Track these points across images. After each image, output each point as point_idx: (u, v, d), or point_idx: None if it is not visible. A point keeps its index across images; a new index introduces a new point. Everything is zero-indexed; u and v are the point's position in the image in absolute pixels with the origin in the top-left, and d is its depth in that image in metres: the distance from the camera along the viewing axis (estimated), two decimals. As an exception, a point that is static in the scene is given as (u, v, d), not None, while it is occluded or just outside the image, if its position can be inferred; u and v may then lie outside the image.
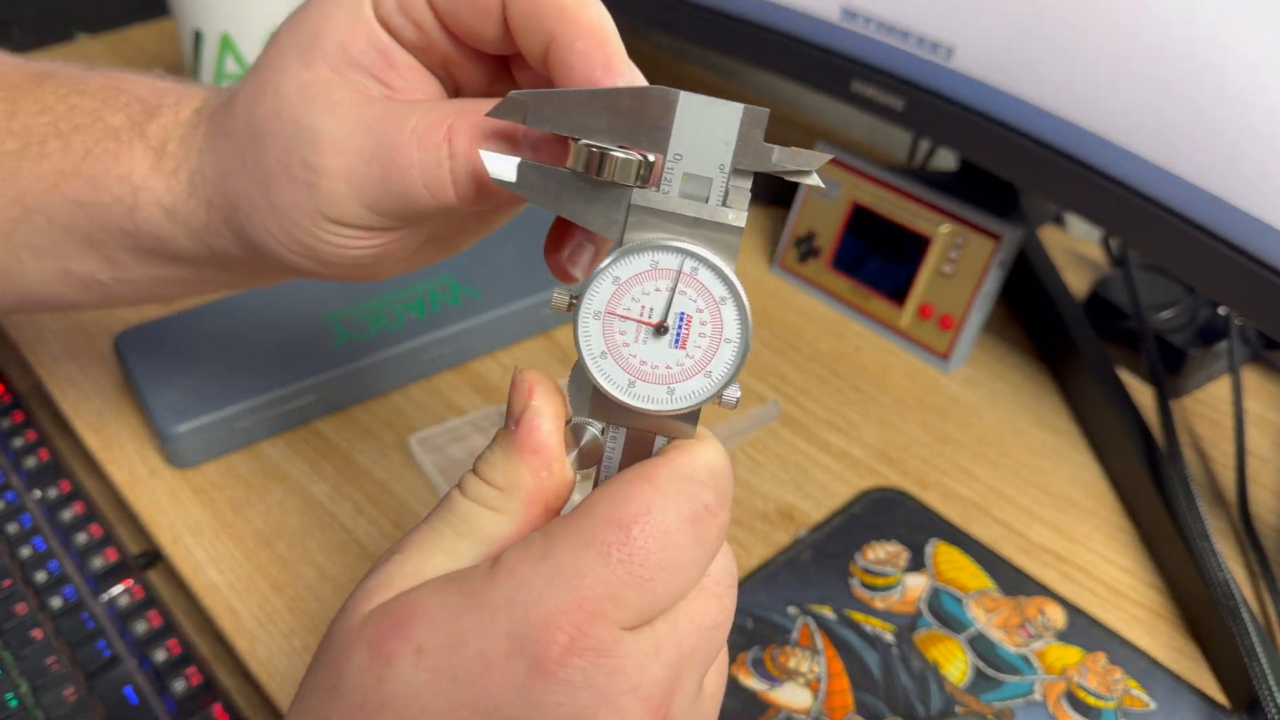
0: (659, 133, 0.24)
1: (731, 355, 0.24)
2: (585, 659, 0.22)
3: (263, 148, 0.30)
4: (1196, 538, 0.46)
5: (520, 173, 0.24)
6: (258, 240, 0.32)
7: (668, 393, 0.24)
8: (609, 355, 0.24)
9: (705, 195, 0.24)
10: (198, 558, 0.46)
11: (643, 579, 0.22)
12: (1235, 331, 0.56)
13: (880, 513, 0.50)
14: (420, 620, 0.22)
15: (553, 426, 0.25)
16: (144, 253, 0.35)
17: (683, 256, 0.23)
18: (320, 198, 0.29)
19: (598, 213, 0.24)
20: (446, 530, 0.24)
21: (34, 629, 0.42)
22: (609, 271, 0.24)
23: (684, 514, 0.23)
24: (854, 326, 0.63)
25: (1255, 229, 0.43)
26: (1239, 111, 0.42)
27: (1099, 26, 0.46)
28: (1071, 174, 0.49)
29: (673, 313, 0.24)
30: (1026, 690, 0.42)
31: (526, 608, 0.22)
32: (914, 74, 0.54)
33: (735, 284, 0.24)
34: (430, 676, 0.22)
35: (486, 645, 0.22)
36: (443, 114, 0.28)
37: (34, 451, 0.50)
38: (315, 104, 0.29)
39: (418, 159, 0.28)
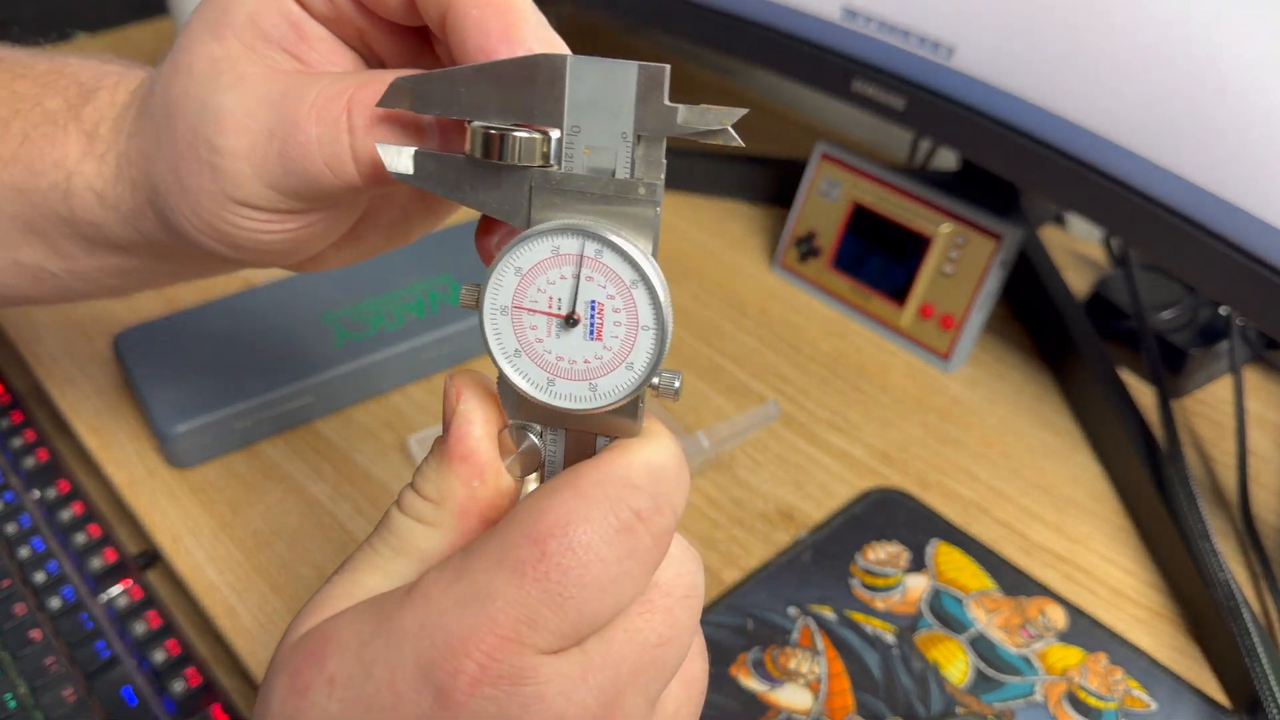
0: (552, 104, 0.21)
1: (651, 344, 0.22)
2: (497, 688, 0.20)
3: (174, 127, 0.29)
4: (1197, 538, 0.46)
5: (417, 163, 0.23)
6: (176, 224, 0.30)
7: (590, 389, 0.22)
8: (523, 353, 0.22)
9: (612, 168, 0.22)
10: (197, 558, 0.46)
11: (561, 598, 0.20)
12: (1236, 331, 0.56)
13: (881, 513, 0.50)
14: (334, 648, 0.21)
15: (483, 432, 0.23)
16: (85, 241, 0.34)
17: (583, 239, 0.21)
18: (224, 179, 0.28)
19: (501, 199, 0.22)
20: (382, 548, 0.23)
21: (33, 629, 0.42)
22: (509, 262, 0.22)
23: (610, 523, 0.21)
24: (854, 326, 0.63)
25: (1256, 228, 0.43)
26: (1240, 110, 0.42)
27: (1100, 26, 0.46)
28: (1072, 173, 0.49)
29: (582, 301, 0.22)
30: (1027, 691, 0.42)
31: (433, 633, 0.20)
32: (915, 73, 0.54)
33: (643, 265, 0.21)
34: (341, 708, 0.21)
35: (394, 674, 0.20)
36: (343, 86, 0.26)
37: (33, 451, 0.50)
38: (221, 80, 0.28)
39: (316, 135, 0.26)
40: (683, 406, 0.55)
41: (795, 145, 0.79)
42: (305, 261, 0.34)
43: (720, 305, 0.63)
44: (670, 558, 0.23)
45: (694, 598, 0.23)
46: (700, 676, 0.25)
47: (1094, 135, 0.48)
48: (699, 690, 0.25)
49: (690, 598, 0.23)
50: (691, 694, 0.24)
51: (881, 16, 0.54)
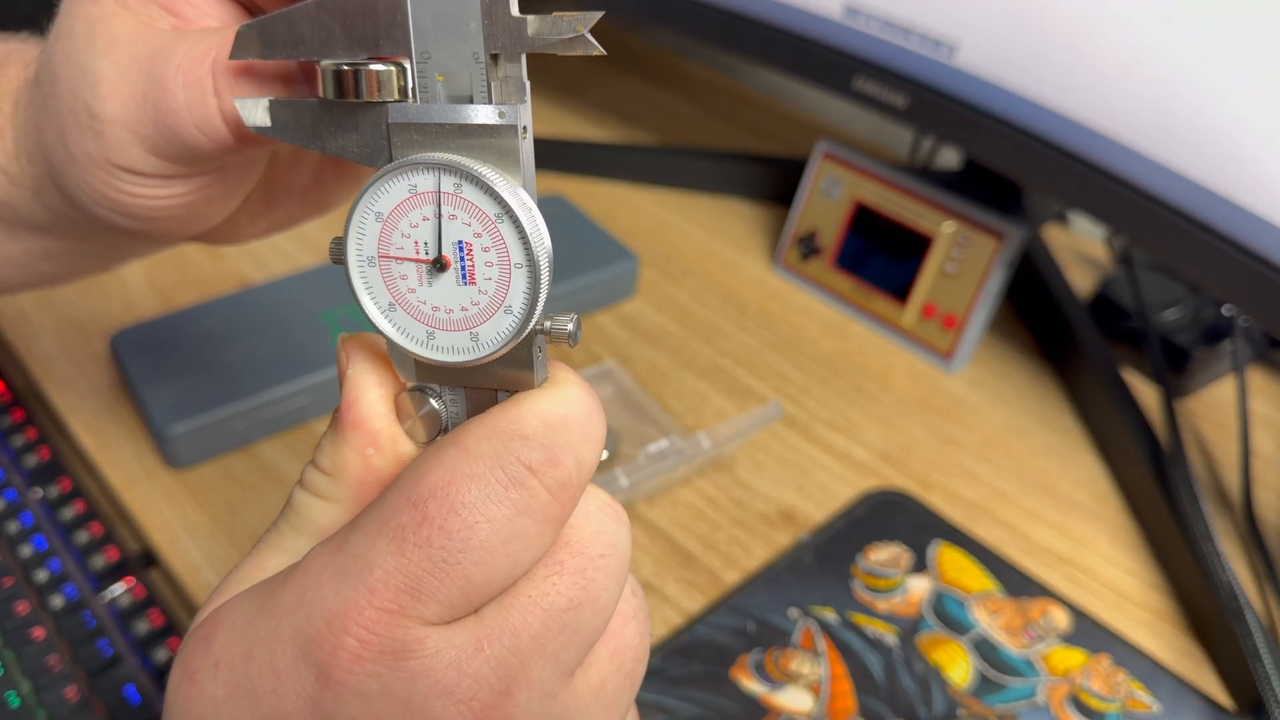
0: (397, 31, 0.20)
1: (527, 283, 0.20)
2: (379, 663, 0.19)
3: (57, 94, 0.28)
4: (1201, 539, 0.46)
5: (273, 113, 0.21)
6: (72, 195, 0.29)
7: (471, 339, 0.21)
8: (398, 306, 0.21)
9: (469, 94, 0.20)
10: (194, 559, 0.46)
11: (445, 563, 0.19)
12: (1240, 331, 0.55)
13: (883, 514, 0.49)
14: (220, 631, 0.20)
15: (376, 397, 0.22)
16: (3, 223, 0.34)
17: (438, 173, 0.20)
18: (105, 144, 0.27)
19: (361, 142, 0.21)
20: (285, 527, 0.22)
21: (35, 628, 0.42)
22: (366, 206, 0.20)
23: (497, 479, 0.19)
24: (856, 326, 0.62)
25: (1260, 228, 0.43)
26: (1243, 108, 0.42)
27: (1103, 23, 0.45)
28: (1075, 172, 0.49)
29: (448, 243, 0.20)
30: (1030, 693, 0.42)
31: (310, 608, 0.19)
32: (917, 71, 0.54)
33: (506, 195, 0.19)
34: (227, 693, 0.20)
35: (273, 654, 0.19)
36: (206, 46, 0.25)
37: (34, 450, 0.50)
38: (97, 42, 0.27)
39: (183, 99, 0.25)
40: (683, 407, 0.55)
41: (797, 143, 0.79)
42: (217, 232, 0.32)
43: (721, 305, 0.63)
44: (584, 514, 0.21)
45: (612, 557, 0.21)
46: (634, 644, 0.23)
47: (1097, 133, 0.48)
48: (633, 660, 0.23)
49: (607, 557, 0.21)
50: (622, 664, 0.22)
51: (883, 14, 0.54)
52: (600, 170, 0.74)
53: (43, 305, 0.58)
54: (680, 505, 0.50)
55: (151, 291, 0.60)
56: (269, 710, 0.19)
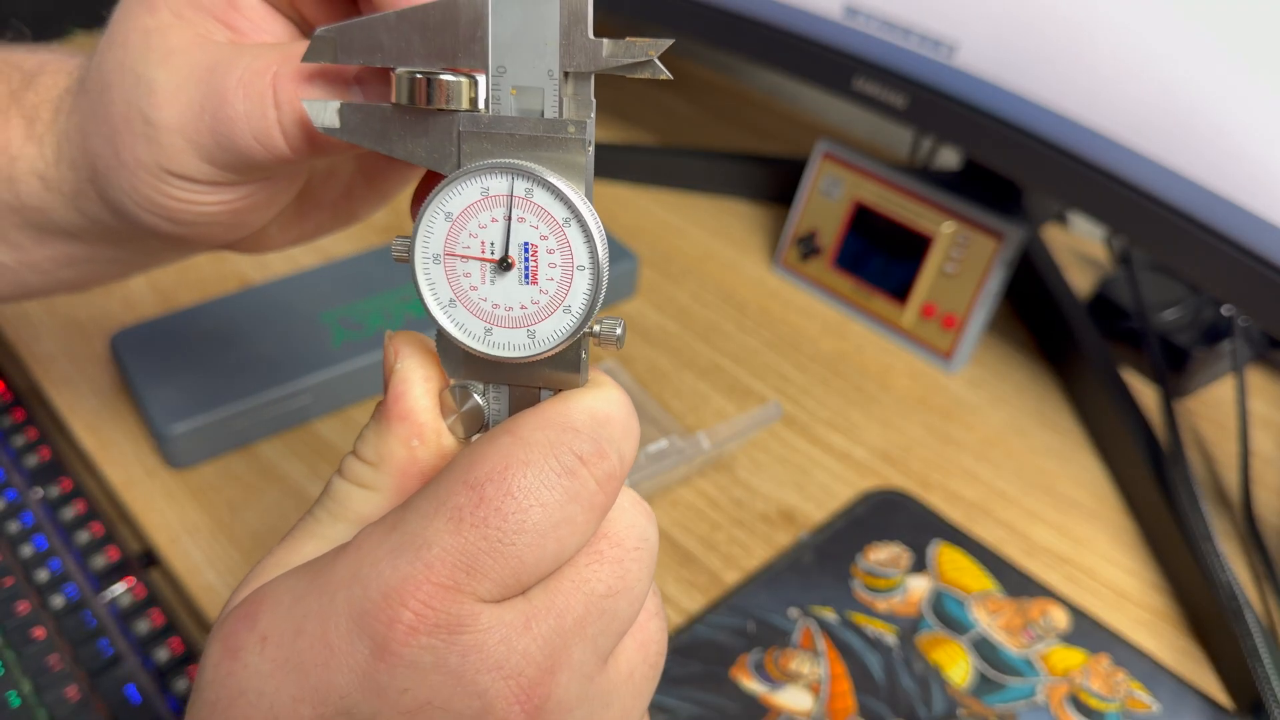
0: (476, 45, 0.21)
1: (588, 285, 0.21)
2: (434, 636, 0.19)
3: (109, 101, 0.29)
4: (1200, 539, 0.46)
5: (343, 116, 0.22)
6: (115, 200, 0.30)
7: (528, 336, 0.22)
8: (458, 302, 0.22)
9: (540, 107, 0.21)
10: (194, 559, 0.46)
11: (500, 543, 0.20)
12: (1239, 331, 0.56)
13: (882, 514, 0.49)
14: (266, 608, 0.21)
15: (422, 391, 0.23)
16: (34, 229, 0.34)
17: (512, 177, 0.21)
18: (158, 151, 0.28)
19: (430, 147, 0.22)
20: (322, 514, 0.23)
21: (36, 628, 0.42)
22: (437, 207, 0.21)
23: (550, 466, 0.20)
24: (856, 326, 0.62)
25: (1260, 228, 0.43)
26: (1243, 108, 0.42)
27: (1102, 23, 0.46)
28: (1075, 172, 0.49)
29: (515, 244, 0.21)
30: (1029, 693, 0.42)
31: (367, 582, 0.20)
32: (917, 71, 0.54)
33: (576, 202, 0.21)
34: (274, 667, 0.20)
35: (326, 627, 0.20)
36: (268, 60, 0.26)
37: (35, 450, 0.50)
38: (152, 54, 0.28)
39: (243, 110, 0.26)
40: (683, 407, 0.55)
41: (796, 143, 0.79)
42: (249, 240, 0.33)
43: (721, 305, 0.63)
44: (620, 509, 0.22)
45: (645, 551, 0.22)
46: (658, 639, 0.24)
47: (1097, 133, 0.48)
48: (656, 653, 0.24)
49: (641, 550, 0.22)
50: (648, 655, 0.23)
51: (883, 14, 0.54)
52: (600, 170, 0.74)
53: (44, 305, 0.58)
54: (680, 505, 0.50)
55: (152, 291, 0.60)
56: (317, 683, 0.20)
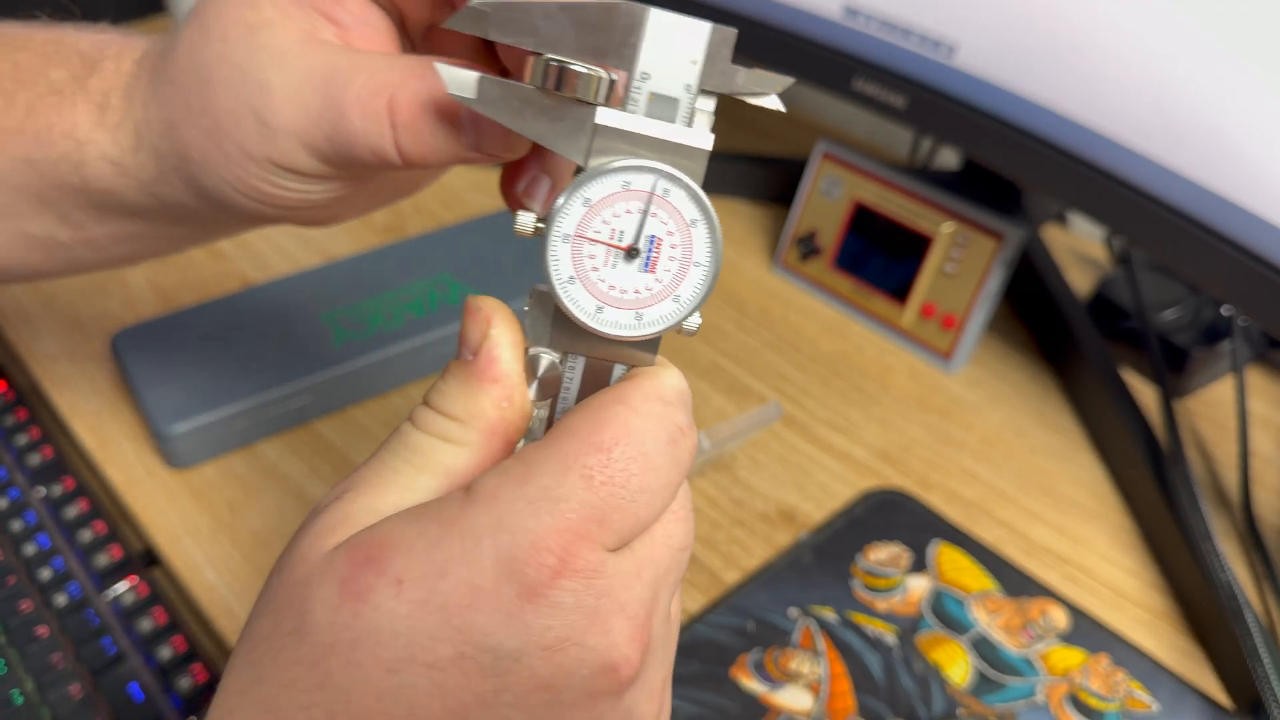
0: (626, 50, 0.23)
1: (701, 279, 0.24)
2: (575, 580, 0.21)
3: (211, 95, 0.29)
4: (1200, 539, 0.46)
5: (481, 87, 0.23)
6: (211, 187, 0.31)
7: (635, 318, 0.24)
8: (577, 280, 0.23)
9: (672, 116, 0.23)
10: (195, 559, 0.46)
11: (625, 500, 0.22)
12: (1239, 331, 0.56)
13: (882, 514, 0.49)
14: (396, 552, 0.22)
15: (513, 355, 0.24)
16: (97, 209, 0.35)
17: (656, 177, 0.23)
18: (271, 147, 0.29)
19: (561, 132, 0.23)
20: (402, 465, 0.24)
21: (39, 626, 0.42)
22: (580, 193, 0.23)
23: (660, 436, 0.23)
24: (856, 326, 0.62)
25: (1259, 228, 0.43)
26: (1242, 109, 0.42)
27: (1102, 24, 0.46)
28: (1075, 172, 0.49)
29: (643, 236, 0.23)
30: (1029, 692, 0.42)
31: (513, 532, 0.21)
32: (916, 72, 0.54)
33: (708, 205, 0.23)
34: (412, 608, 0.21)
35: (472, 572, 0.21)
36: (385, 80, 0.27)
37: (38, 449, 0.50)
38: (263, 52, 0.28)
39: (360, 127, 0.28)
40: (683, 406, 0.55)
41: (796, 144, 0.79)
42: (324, 216, 0.34)
43: (721, 305, 0.63)
44: None
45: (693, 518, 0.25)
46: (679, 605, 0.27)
47: (1096, 134, 0.48)
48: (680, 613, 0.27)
49: (692, 517, 0.25)
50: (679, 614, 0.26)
51: (883, 14, 0.54)
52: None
53: (44, 305, 0.58)
54: (680, 505, 0.50)
55: (153, 291, 0.60)
56: (460, 623, 0.21)
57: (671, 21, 0.23)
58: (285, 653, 0.22)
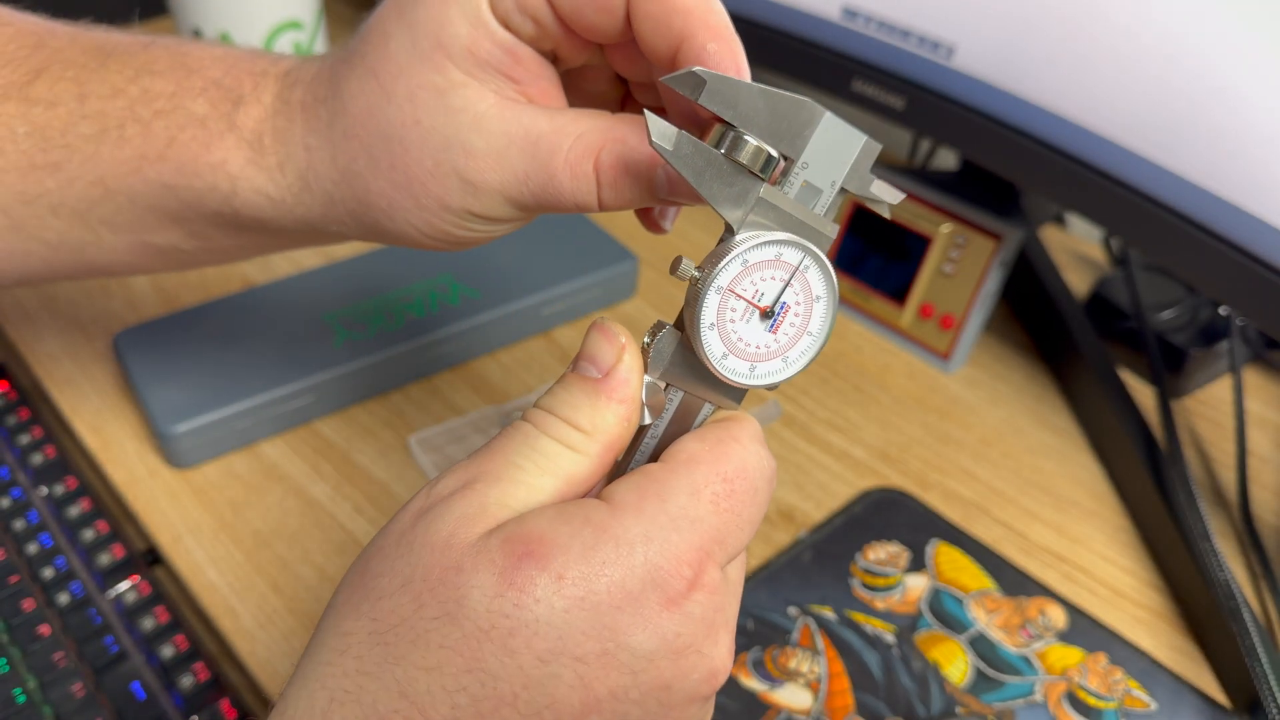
0: (799, 141, 0.26)
1: (810, 347, 0.27)
2: (703, 594, 0.24)
3: (403, 153, 0.31)
4: (1198, 538, 0.46)
5: (678, 143, 0.26)
6: (393, 229, 0.34)
7: (749, 369, 0.27)
8: (715, 328, 0.26)
9: (814, 204, 0.27)
10: (197, 558, 0.46)
11: (738, 527, 0.25)
12: (1236, 331, 0.56)
13: (881, 513, 0.50)
14: (556, 550, 0.23)
15: (639, 381, 0.27)
16: (234, 227, 0.36)
17: (804, 254, 0.26)
18: (473, 203, 0.32)
19: (727, 196, 0.26)
20: (527, 465, 0.25)
21: (41, 625, 0.42)
22: (741, 255, 0.26)
23: (765, 474, 0.26)
24: (854, 326, 0.63)
25: (1256, 228, 0.43)
26: (1240, 110, 0.42)
27: (1100, 25, 0.46)
28: (1073, 173, 0.49)
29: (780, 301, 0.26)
30: (1027, 691, 0.42)
31: (661, 545, 0.24)
32: (915, 73, 0.54)
33: (835, 286, 0.27)
34: (570, 604, 0.23)
35: (625, 577, 0.23)
36: (590, 143, 0.30)
37: (40, 448, 0.50)
38: (460, 116, 0.31)
39: (569, 188, 0.30)
40: (683, 406, 0.55)
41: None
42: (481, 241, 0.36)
43: (720, 305, 0.63)
44: None
45: None
46: None
47: (1094, 135, 0.48)
48: None
49: None
50: None
51: (881, 16, 0.54)
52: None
53: (46, 305, 0.59)
54: (680, 504, 0.50)
55: (154, 291, 0.60)
56: (610, 622, 0.23)
57: (838, 126, 0.26)
58: (431, 636, 0.23)
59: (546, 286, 0.58)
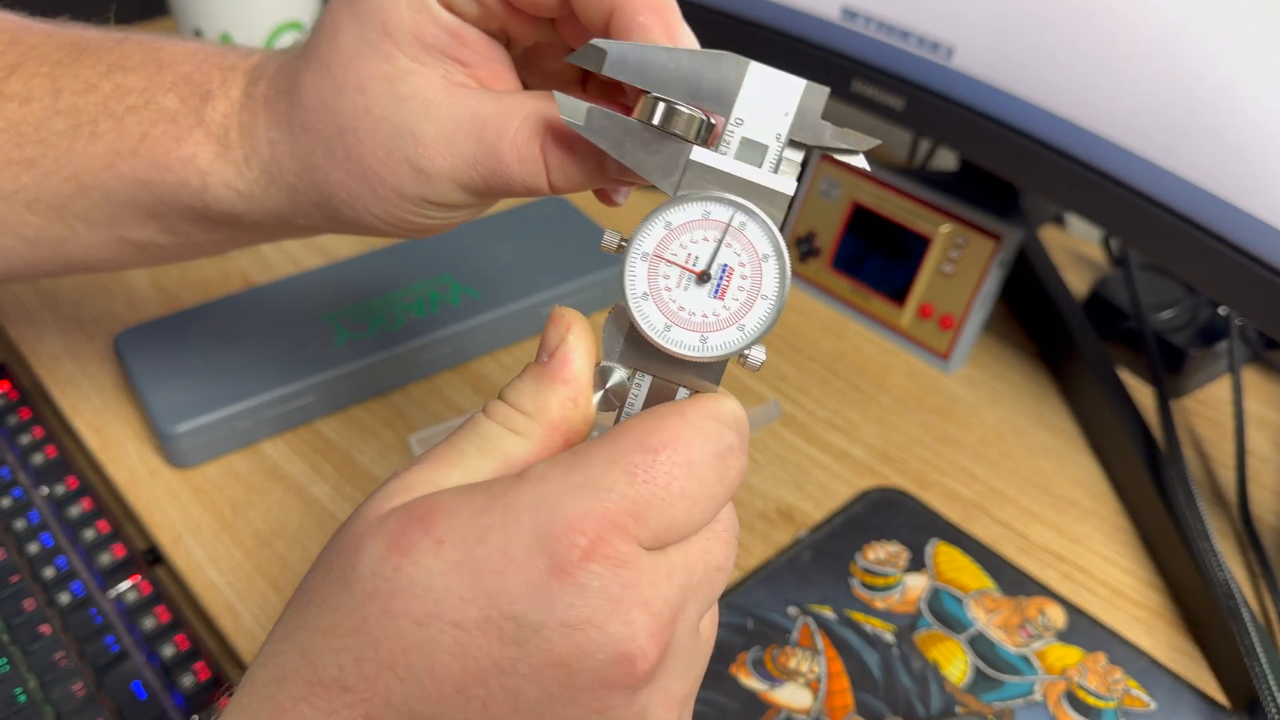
0: (725, 96, 0.25)
1: (766, 312, 0.25)
2: (603, 565, 0.22)
3: (356, 143, 0.31)
4: (1197, 538, 0.46)
5: (590, 117, 0.25)
6: (354, 219, 0.33)
7: (700, 340, 0.25)
8: (650, 297, 0.25)
9: (759, 161, 0.25)
10: (198, 558, 0.46)
11: (664, 501, 0.23)
12: (1235, 331, 0.56)
13: (880, 513, 0.50)
14: (443, 515, 0.23)
15: (585, 363, 0.26)
16: (208, 222, 0.36)
17: (734, 209, 0.24)
18: (427, 190, 0.31)
19: (657, 164, 0.25)
20: (468, 448, 0.25)
21: (42, 624, 0.42)
22: (662, 216, 0.24)
23: (709, 449, 0.24)
24: (854, 326, 0.63)
25: (1255, 229, 0.43)
26: (1239, 110, 0.42)
27: (1099, 26, 0.46)
28: (1072, 174, 0.49)
29: (716, 263, 0.25)
30: (1027, 690, 0.42)
31: (552, 510, 0.22)
32: (914, 74, 0.54)
33: (781, 244, 0.24)
34: (447, 568, 0.22)
35: (508, 542, 0.22)
36: (537, 124, 0.30)
37: (41, 448, 0.50)
38: (409, 104, 0.30)
39: (518, 171, 0.30)
40: (683, 406, 0.55)
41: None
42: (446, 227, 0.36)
43: (720, 305, 0.63)
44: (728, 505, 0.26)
45: (736, 544, 0.26)
46: (716, 618, 0.27)
47: (1093, 135, 0.48)
48: (715, 632, 0.27)
49: (735, 542, 0.26)
50: (710, 636, 0.27)
51: (881, 17, 0.54)
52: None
53: (47, 305, 0.59)
54: (680, 504, 0.50)
55: (155, 291, 0.60)
56: (490, 588, 0.22)
57: (769, 75, 0.25)
58: (329, 600, 0.23)
59: (546, 286, 0.58)
